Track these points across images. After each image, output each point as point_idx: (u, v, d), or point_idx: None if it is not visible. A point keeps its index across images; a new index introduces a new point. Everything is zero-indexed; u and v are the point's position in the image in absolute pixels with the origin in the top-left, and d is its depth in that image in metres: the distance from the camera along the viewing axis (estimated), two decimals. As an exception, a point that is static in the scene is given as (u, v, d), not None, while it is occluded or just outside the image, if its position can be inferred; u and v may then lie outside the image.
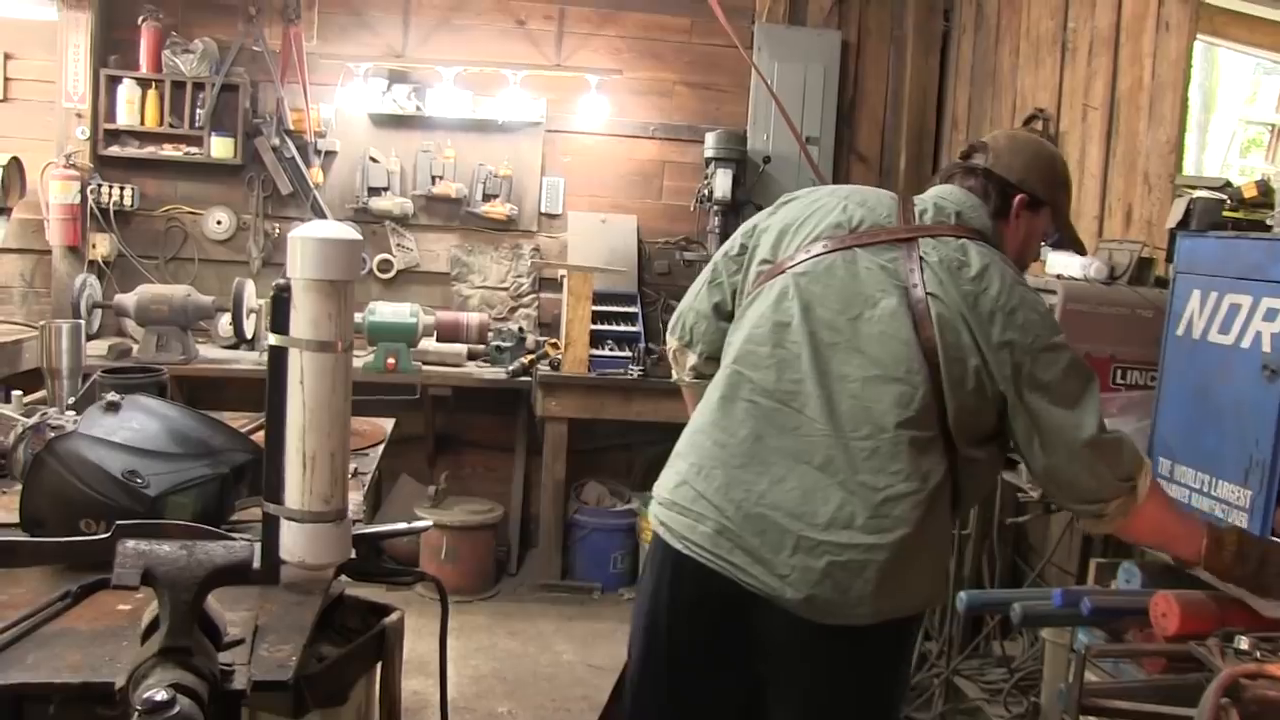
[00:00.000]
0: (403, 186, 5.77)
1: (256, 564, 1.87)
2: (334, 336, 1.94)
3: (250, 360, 5.22)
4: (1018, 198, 2.30)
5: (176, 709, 1.33)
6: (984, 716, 3.84)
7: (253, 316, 5.25)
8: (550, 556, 5.52)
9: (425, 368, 5.35)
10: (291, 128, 5.65)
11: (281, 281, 1.94)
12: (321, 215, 5.61)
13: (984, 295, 2.10)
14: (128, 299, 5.11)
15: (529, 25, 5.86)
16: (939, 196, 2.28)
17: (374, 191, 5.74)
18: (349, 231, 1.96)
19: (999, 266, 2.15)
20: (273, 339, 1.95)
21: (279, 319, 1.95)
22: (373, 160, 5.73)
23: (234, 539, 1.71)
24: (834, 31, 5.97)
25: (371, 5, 5.77)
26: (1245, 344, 2.93)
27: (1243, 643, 2.08)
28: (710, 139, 5.46)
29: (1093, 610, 2.49)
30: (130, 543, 1.49)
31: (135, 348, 5.16)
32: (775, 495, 2.08)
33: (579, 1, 5.88)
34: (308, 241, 1.91)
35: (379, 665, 2.16)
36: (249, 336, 5.24)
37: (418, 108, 5.70)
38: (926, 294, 2.09)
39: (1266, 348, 2.85)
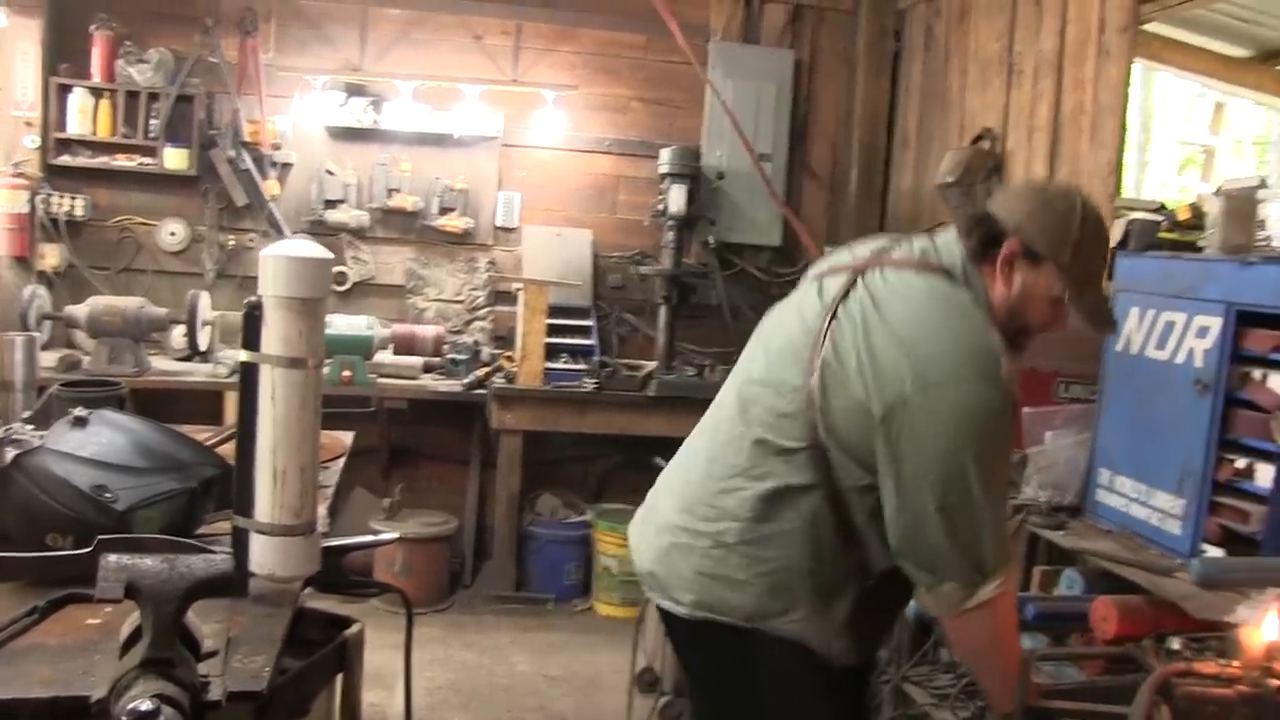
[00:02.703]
0: (359, 199, 5.78)
1: (252, 569, 1.91)
2: (305, 353, 1.98)
3: (204, 373, 5.21)
4: (1006, 243, 2.09)
5: (161, 719, 1.37)
6: (931, 719, 3.94)
7: (207, 329, 5.24)
8: (505, 568, 5.55)
9: (381, 380, 5.37)
10: (247, 139, 5.65)
11: (253, 299, 1.98)
12: (278, 228, 5.62)
13: (884, 329, 2.03)
14: (79, 310, 5.07)
15: (486, 40, 5.91)
16: (930, 234, 2.22)
17: (330, 204, 5.76)
18: (320, 250, 2.00)
19: (928, 303, 2.05)
20: (244, 355, 1.99)
21: (250, 336, 1.98)
22: (329, 173, 5.75)
23: (214, 552, 1.74)
24: (787, 50, 6.07)
25: (329, 18, 5.79)
26: (1179, 359, 3.05)
27: (1175, 643, 2.18)
28: (665, 155, 5.53)
29: (1037, 615, 2.58)
30: (113, 557, 1.53)
31: (86, 360, 5.12)
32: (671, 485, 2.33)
33: (536, 18, 5.94)
34: (279, 260, 1.95)
35: (340, 677, 2.20)
36: (203, 349, 5.23)
37: (375, 121, 5.72)
38: (831, 318, 2.09)
39: (1199, 363, 2.98)
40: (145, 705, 1.39)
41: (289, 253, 1.96)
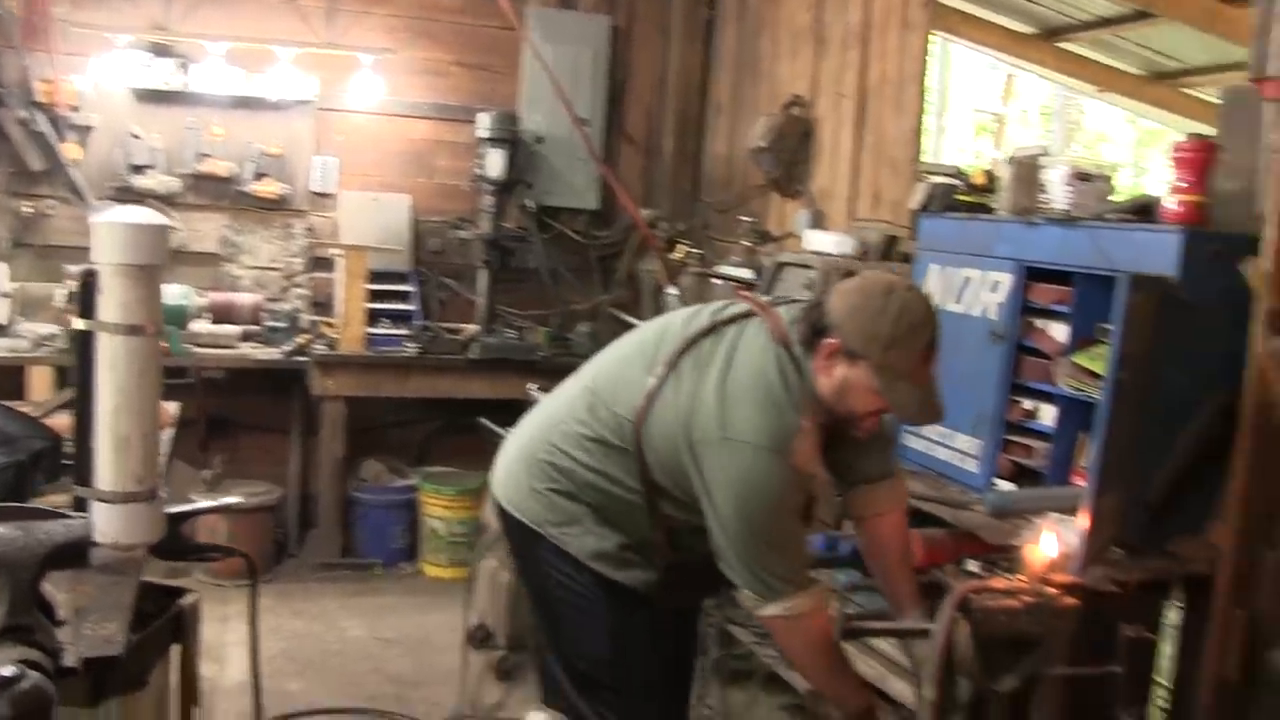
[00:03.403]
0: (168, 164, 5.59)
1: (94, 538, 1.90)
2: (143, 320, 1.99)
3: (3, 347, 4.97)
4: (827, 341, 2.26)
5: (25, 683, 1.38)
6: (756, 659, 4.16)
7: (5, 301, 5.02)
8: (331, 535, 5.54)
9: (198, 350, 5.24)
10: (41, 100, 5.38)
11: (88, 267, 1.97)
12: (79, 194, 5.39)
13: (721, 373, 2.31)
14: None
15: (300, 1, 5.77)
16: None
17: (137, 169, 5.53)
18: (157, 217, 2.01)
19: (760, 371, 2.29)
20: (80, 324, 1.98)
21: (86, 304, 1.98)
22: (135, 137, 5.53)
23: (70, 516, 1.75)
24: (604, 16, 6.16)
25: (130, -27, 5.55)
26: (975, 312, 3.32)
27: (972, 565, 2.40)
28: (483, 119, 5.55)
29: (851, 552, 2.78)
30: (-36, 526, 1.53)
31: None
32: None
33: (351, -22, 5.85)
34: (115, 227, 1.95)
35: (177, 648, 2.21)
36: (2, 322, 5.01)
37: (184, 83, 5.53)
38: (692, 344, 2.39)
39: (993, 315, 3.25)
40: (7, 671, 1.41)
41: (126, 220, 1.96)
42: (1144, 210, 2.98)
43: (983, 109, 8.80)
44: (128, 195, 5.44)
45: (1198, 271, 2.76)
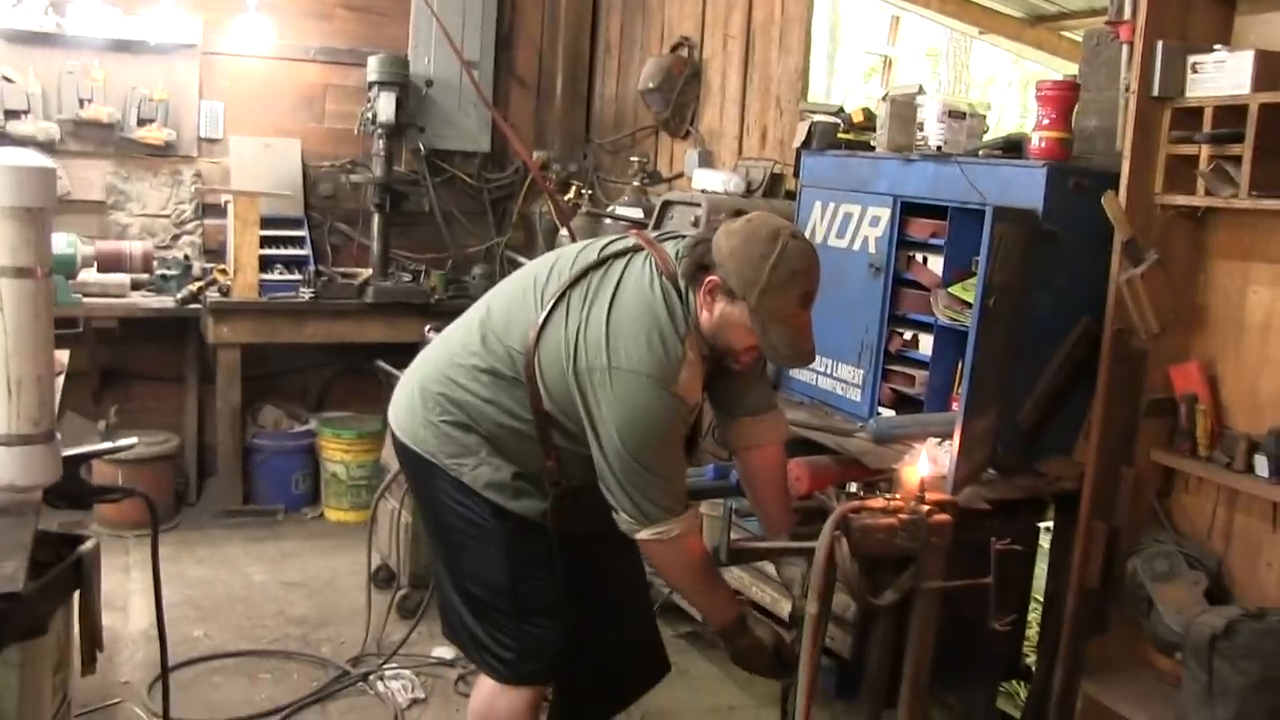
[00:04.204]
0: (46, 110, 5.44)
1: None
2: (33, 263, 2.00)
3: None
4: (708, 278, 2.34)
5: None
6: (654, 587, 4.28)
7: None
8: (231, 483, 5.51)
9: (86, 300, 5.15)
10: (-100, 40, 5.19)
11: (-26, 210, 1.97)
12: (-51, 139, 5.23)
13: (607, 306, 2.39)
14: None
15: (178, -60, 5.64)
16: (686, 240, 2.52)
17: (12, 114, 5.36)
18: (43, 159, 2.01)
19: (646, 306, 2.37)
20: (-32, 268, 1.98)
21: (-27, 248, 1.98)
22: (8, 80, 5.36)
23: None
24: (491, -44, 6.12)
25: (-6, -90, 5.36)
26: (856, 247, 3.45)
27: (853, 488, 2.53)
28: (372, 63, 5.51)
29: (738, 481, 2.90)
30: None
31: None
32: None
33: (232, -85, 5.72)
34: (2, 170, 1.95)
35: (77, 595, 2.23)
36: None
37: (57, 24, 5.37)
38: (582, 276, 2.47)
39: (872, 249, 3.38)
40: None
41: (12, 162, 1.96)
42: (1014, 147, 3.13)
43: (872, 50, 8.93)
44: (3, 140, 5.29)
45: (1061, 204, 2.93)
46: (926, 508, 2.34)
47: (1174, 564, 2.88)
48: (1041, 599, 3.50)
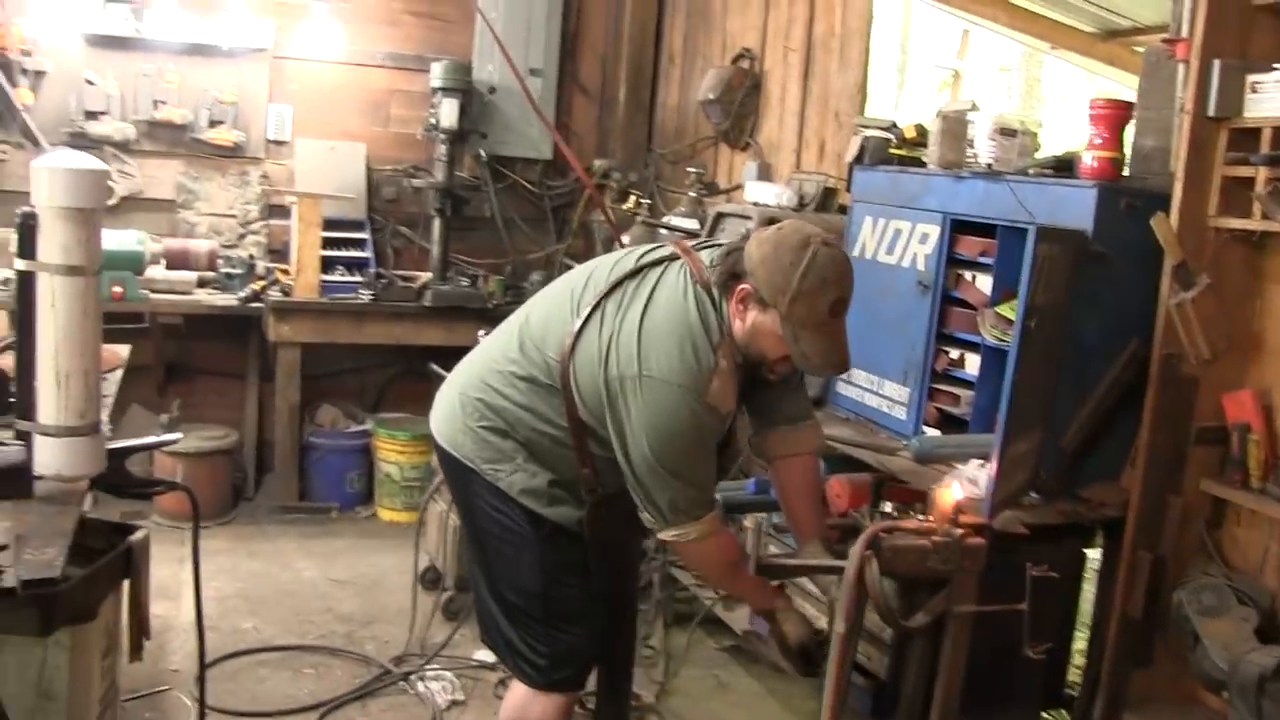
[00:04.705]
0: (123, 111, 5.59)
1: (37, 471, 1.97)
2: (83, 261, 2.06)
3: (-41, 290, 5.00)
4: (740, 287, 2.36)
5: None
6: (698, 600, 4.29)
7: (-42, 244, 5.03)
8: (287, 479, 5.61)
9: (154, 296, 5.27)
10: (-8, 44, 5.36)
11: (27, 209, 2.04)
12: (33, 139, 5.37)
13: (641, 313, 2.39)
14: None
15: (252, -52, 5.76)
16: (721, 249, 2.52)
17: (91, 115, 5.52)
18: (95, 161, 2.08)
19: (680, 312, 2.38)
20: (20, 264, 2.05)
21: (26, 245, 2.04)
22: (89, 83, 5.52)
23: (4, 443, 1.82)
24: (558, -34, 6.17)
25: (80, -83, 5.51)
26: (905, 263, 3.43)
27: (887, 507, 2.51)
28: (437, 69, 5.58)
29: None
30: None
31: None
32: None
33: (305, -75, 5.83)
34: (55, 171, 2.02)
35: (127, 582, 2.29)
36: (-43, 266, 5.02)
37: (137, 29, 5.51)
38: (616, 285, 2.48)
39: (921, 266, 3.36)
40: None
41: (64, 164, 2.02)
42: (1065, 166, 3.08)
43: (941, 64, 8.86)
44: (82, 141, 5.44)
45: (1112, 225, 2.88)
46: (960, 530, 2.31)
47: (1222, 598, 2.81)
48: (1089, 625, 3.45)
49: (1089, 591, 3.52)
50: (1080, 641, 3.63)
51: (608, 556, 2.66)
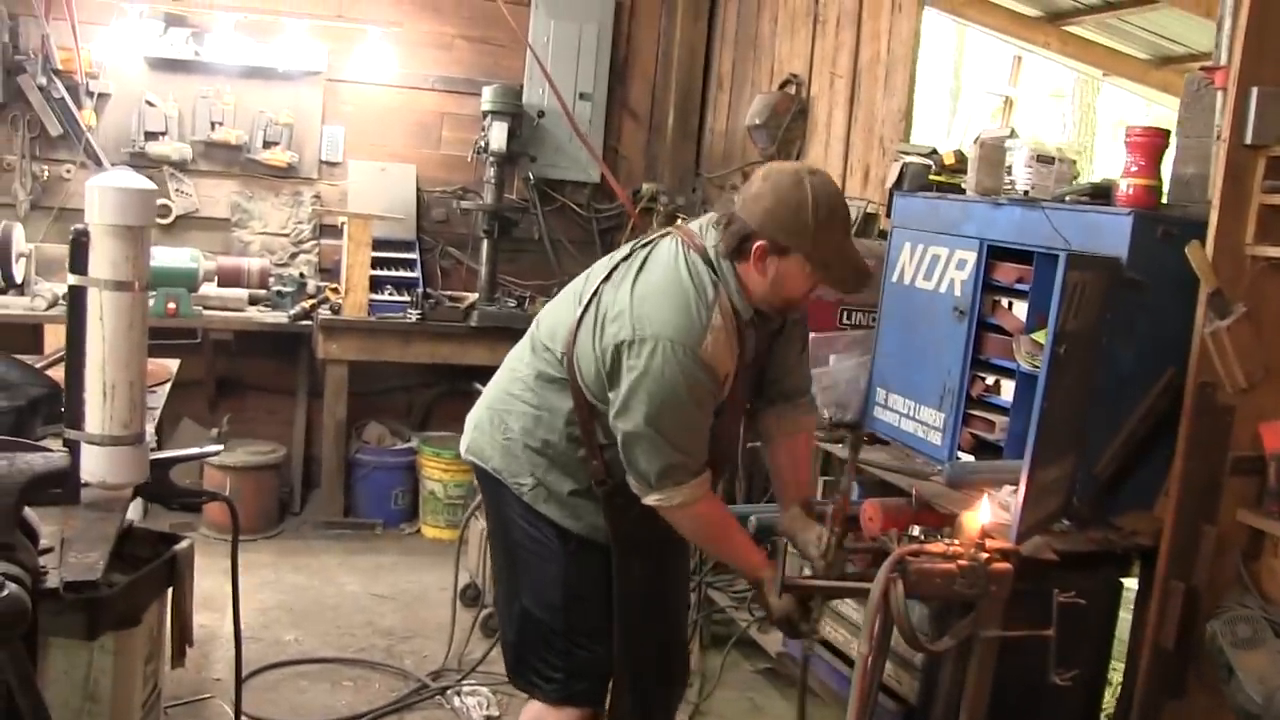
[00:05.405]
0: (181, 131, 5.74)
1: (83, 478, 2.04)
2: (131, 277, 2.14)
3: (21, 305, 5.14)
4: (756, 244, 2.40)
5: (5, 591, 1.53)
6: (734, 622, 4.30)
7: (22, 261, 5.18)
8: (333, 495, 5.69)
9: (206, 312, 5.40)
10: (60, 67, 5.52)
11: (79, 227, 2.12)
12: (95, 159, 5.54)
13: (633, 283, 2.44)
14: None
15: (310, -27, 5.90)
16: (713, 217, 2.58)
17: (151, 136, 5.69)
18: (144, 181, 2.16)
19: (674, 275, 2.43)
20: (72, 279, 2.13)
21: (78, 261, 2.12)
22: (149, 104, 5.69)
23: (50, 450, 1.90)
24: (608, -9, 6.26)
25: (144, -56, 5.68)
26: (942, 289, 3.43)
27: (915, 531, 2.52)
28: (487, 92, 5.67)
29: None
30: (-45, 455, 1.67)
31: (-104, 291, 5.00)
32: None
33: (360, -48, 5.96)
34: (106, 190, 2.10)
35: (170, 591, 2.36)
36: (18, 281, 5.17)
37: (196, 52, 5.67)
38: (613, 269, 2.54)
39: (958, 292, 3.36)
40: (-13, 580, 1.56)
41: (115, 183, 2.10)
42: (1102, 193, 3.08)
43: (994, 91, 8.83)
44: (142, 161, 5.61)
45: (1149, 252, 2.87)
46: (986, 555, 2.32)
47: (1258, 631, 2.77)
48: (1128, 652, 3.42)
49: (1127, 620, 3.49)
50: (1117, 672, 3.59)
51: (638, 554, 2.67)
